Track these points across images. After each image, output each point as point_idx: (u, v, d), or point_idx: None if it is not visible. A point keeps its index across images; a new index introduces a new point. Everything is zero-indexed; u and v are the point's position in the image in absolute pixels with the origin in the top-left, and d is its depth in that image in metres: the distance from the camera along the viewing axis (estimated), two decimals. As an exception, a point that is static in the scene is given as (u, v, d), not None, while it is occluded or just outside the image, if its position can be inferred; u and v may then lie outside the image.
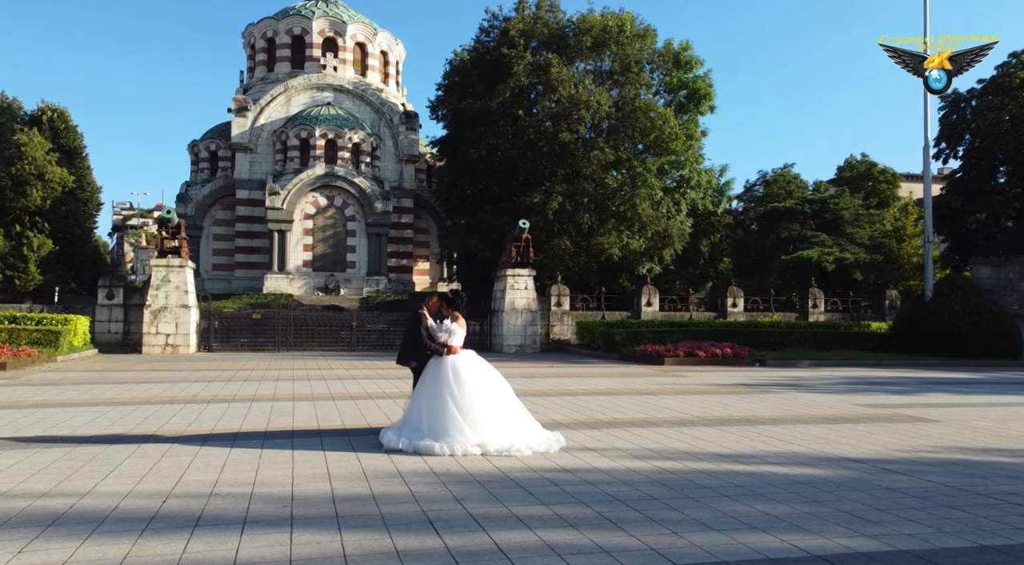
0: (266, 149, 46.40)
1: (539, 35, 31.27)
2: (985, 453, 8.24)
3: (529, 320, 26.94)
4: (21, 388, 13.60)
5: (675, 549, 4.64)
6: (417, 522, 5.14)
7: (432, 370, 8.12)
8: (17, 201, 46.82)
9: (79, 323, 22.66)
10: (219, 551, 4.45)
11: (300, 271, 43.80)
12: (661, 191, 31.85)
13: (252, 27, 50.70)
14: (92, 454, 7.39)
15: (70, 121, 58.33)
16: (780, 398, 13.30)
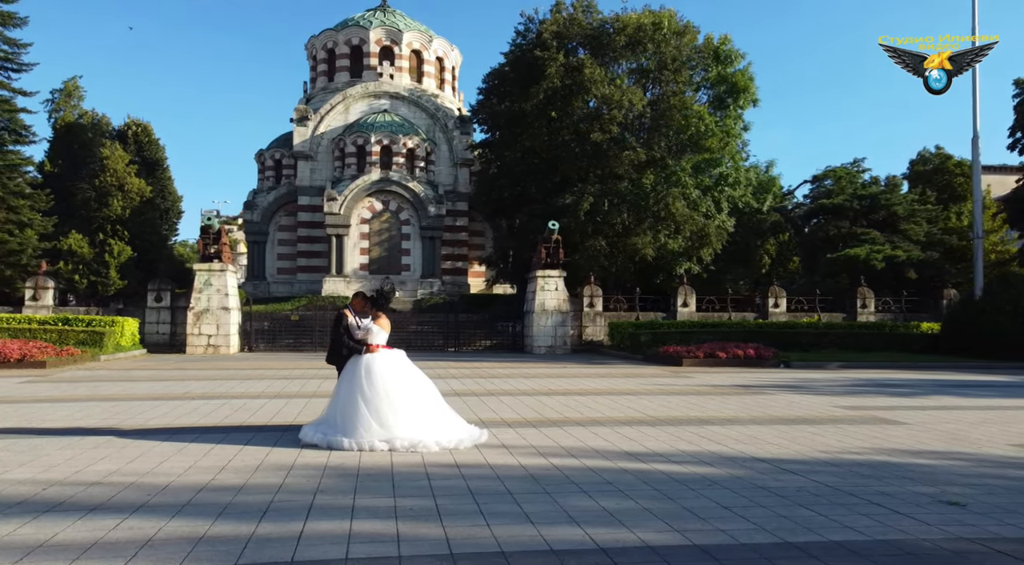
0: (326, 156, 48.07)
1: (573, 36, 31.31)
2: (912, 455, 7.99)
3: (559, 321, 27.04)
4: (42, 384, 14.73)
5: (467, 539, 4.81)
6: (246, 511, 5.45)
7: (348, 368, 8.44)
8: (100, 211, 50.02)
9: (126, 325, 24.20)
10: (45, 532, 4.91)
11: (357, 274, 45.12)
12: (698, 190, 31.29)
13: (314, 39, 52.59)
14: (23, 444, 8.07)
15: (152, 134, 61.90)
16: (763, 400, 13.05)
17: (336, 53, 50.93)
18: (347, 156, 46.54)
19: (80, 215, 49.72)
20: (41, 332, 21.71)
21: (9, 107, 45.00)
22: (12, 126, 45.56)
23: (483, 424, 9.59)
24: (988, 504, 5.91)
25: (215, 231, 25.79)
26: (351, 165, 46.26)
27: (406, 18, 52.94)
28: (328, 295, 42.50)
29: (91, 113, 61.02)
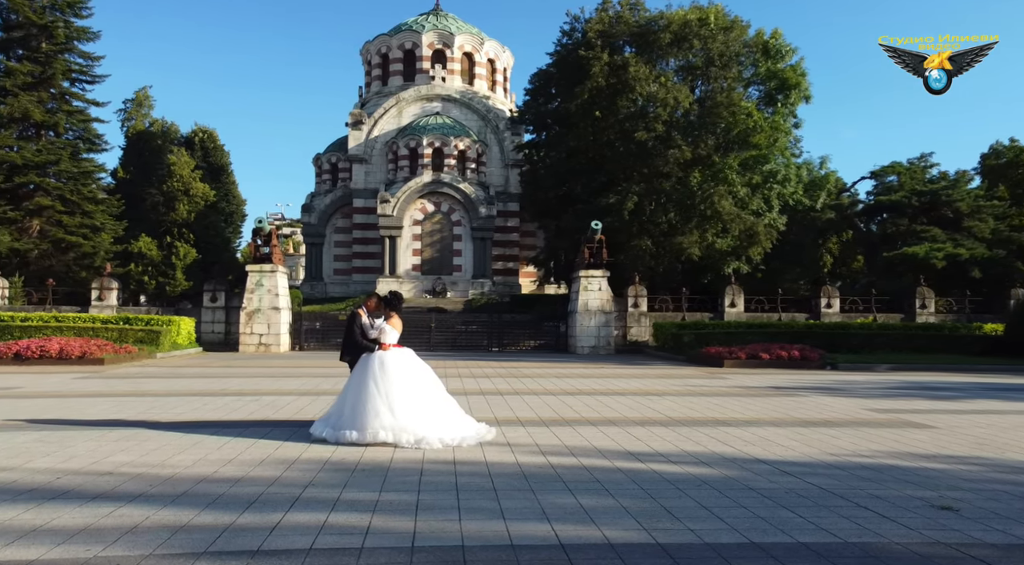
0: (380, 159, 48.95)
1: (619, 34, 31.12)
2: (926, 459, 7.77)
3: (603, 321, 26.92)
4: (94, 380, 15.51)
5: (434, 533, 4.92)
6: (233, 503, 5.69)
7: (361, 364, 8.68)
8: (167, 215, 52.08)
9: (183, 324, 25.22)
10: (43, 518, 5.25)
11: (409, 275, 45.84)
12: (748, 187, 30.66)
13: (368, 44, 53.63)
14: (55, 436, 8.56)
15: (218, 140, 64.14)
16: (792, 402, 12.80)
17: (390, 58, 51.83)
18: (400, 159, 47.30)
19: (149, 219, 51.87)
20: (103, 330, 22.81)
21: (83, 117, 47.25)
22: (86, 135, 47.79)
23: (497, 423, 9.75)
24: (984, 509, 5.73)
25: (266, 233, 26.62)
26: (404, 168, 47.00)
27: (458, 21, 53.48)
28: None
29: (161, 121, 63.64)
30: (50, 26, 44.36)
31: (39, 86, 43.83)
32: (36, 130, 44.79)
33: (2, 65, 43.87)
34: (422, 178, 45.75)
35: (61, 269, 42.03)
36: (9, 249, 41.61)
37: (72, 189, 45.07)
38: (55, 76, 44.58)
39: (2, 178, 42.37)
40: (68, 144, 45.93)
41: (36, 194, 43.98)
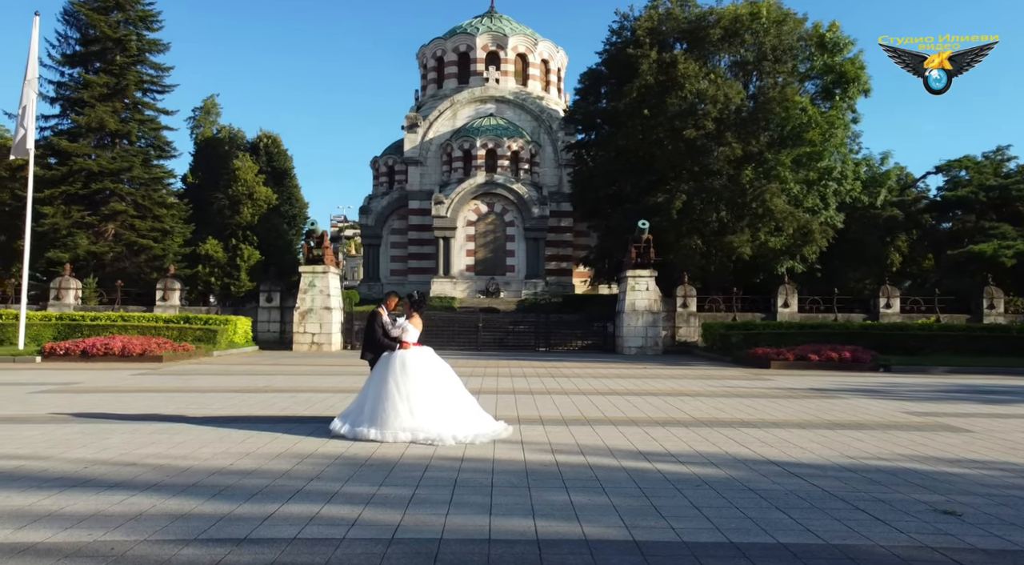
0: (435, 161, 49.59)
1: (669, 32, 30.79)
2: (948, 463, 7.53)
3: (650, 321, 26.67)
4: (149, 376, 16.25)
5: (416, 526, 5.06)
6: (237, 494, 5.96)
7: (382, 363, 8.90)
8: (232, 218, 53.91)
9: (239, 323, 26.14)
10: (60, 503, 5.61)
11: (463, 275, 46.30)
12: (802, 184, 29.86)
13: (424, 48, 54.37)
14: (96, 428, 9.05)
15: (281, 146, 65.98)
16: (828, 404, 12.51)
17: (444, 61, 52.44)
18: (454, 160, 47.82)
19: (215, 222, 53.80)
20: (164, 329, 23.84)
21: (154, 125, 49.34)
22: (157, 143, 49.89)
23: (519, 421, 9.87)
24: (990, 515, 5.55)
25: (318, 235, 27.37)
26: (458, 169, 47.50)
27: (512, 22, 53.73)
28: (436, 296, 43.82)
29: (228, 128, 65.87)
30: (123, 39, 46.48)
31: (113, 97, 45.95)
32: (111, 139, 46.98)
33: (81, 78, 46.19)
34: (475, 179, 46.15)
35: (133, 270, 43.97)
36: (87, 252, 43.76)
37: (144, 195, 47.13)
38: (128, 87, 46.66)
39: (80, 185, 44.59)
40: (140, 151, 48.05)
41: (111, 200, 46.13)
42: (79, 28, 46.56)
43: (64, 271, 31.37)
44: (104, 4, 46.34)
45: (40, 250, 43.24)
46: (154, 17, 48.77)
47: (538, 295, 44.17)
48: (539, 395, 13.11)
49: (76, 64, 46.94)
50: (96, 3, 46.14)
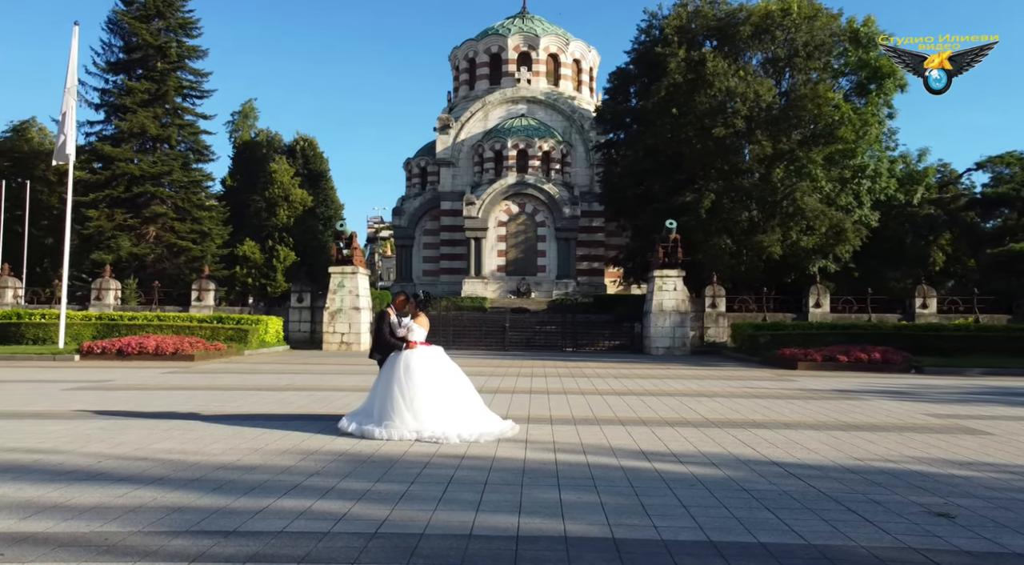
0: (466, 162, 49.86)
1: (698, 30, 30.54)
2: (958, 466, 7.40)
3: (678, 322, 26.48)
4: (178, 375, 16.67)
5: (402, 521, 5.15)
6: (236, 488, 6.11)
7: (389, 363, 9.04)
8: (269, 220, 54.91)
9: (271, 323, 26.64)
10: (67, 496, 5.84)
11: (494, 275, 46.48)
12: (836, 182, 29.34)
13: (456, 50, 54.71)
14: (117, 424, 9.34)
15: (317, 148, 66.99)
16: (849, 405, 12.33)
17: (476, 62, 52.69)
18: (485, 161, 48.03)
19: (253, 224, 54.86)
20: (198, 329, 24.41)
21: (193, 130, 50.50)
22: (196, 147, 51.06)
23: (528, 420, 9.94)
24: (986, 518, 5.46)
25: (347, 236, 27.76)
26: (489, 170, 47.70)
27: (544, 22, 53.76)
28: (467, 296, 44.08)
29: (265, 131, 67.11)
30: (164, 46, 47.66)
31: (154, 102, 47.18)
32: (152, 143, 48.23)
33: (123, 85, 47.51)
34: (506, 180, 46.30)
35: (173, 271, 45.07)
36: (129, 253, 44.98)
37: (183, 197, 48.29)
38: (168, 93, 47.85)
39: (123, 189, 45.86)
40: (180, 155, 49.25)
41: (152, 203, 47.35)
42: (122, 36, 47.89)
43: (104, 273, 32.27)
44: (146, 12, 47.60)
45: (85, 252, 44.62)
46: (193, 24, 49.92)
47: (569, 295, 44.12)
48: (555, 395, 13.15)
49: (119, 71, 48.30)
50: (138, 12, 47.41)
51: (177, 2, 48.75)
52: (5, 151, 52.25)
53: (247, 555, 4.45)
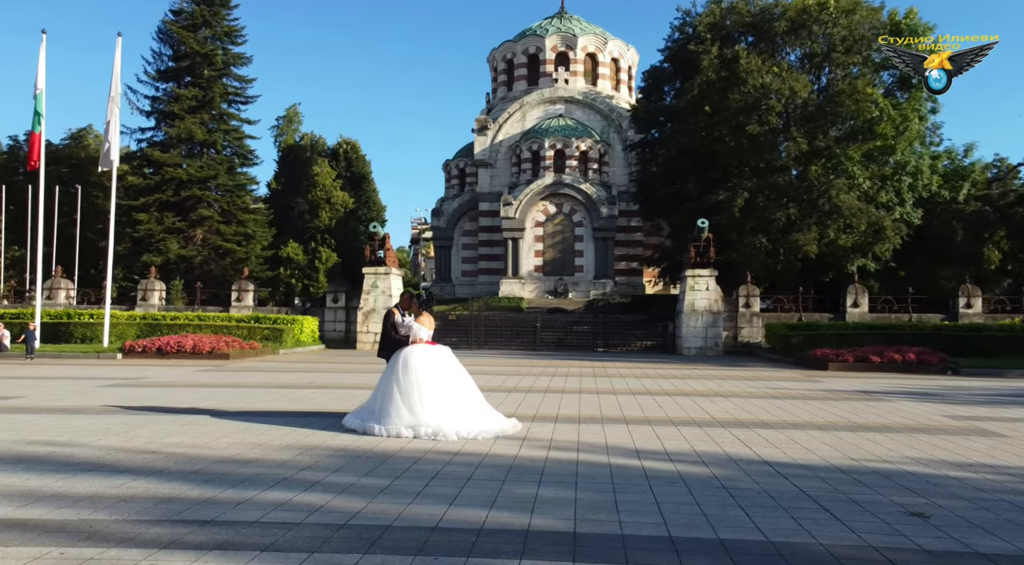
0: (504, 163, 50.06)
1: (732, 26, 30.16)
2: (956, 467, 7.27)
3: (710, 322, 26.20)
4: (211, 372, 17.19)
5: (374, 513, 5.32)
6: (227, 480, 6.36)
7: (391, 361, 9.25)
8: (311, 222, 56.04)
9: (306, 323, 27.23)
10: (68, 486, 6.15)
11: (531, 276, 46.57)
12: (876, 179, 28.62)
13: (494, 51, 54.98)
14: (137, 420, 9.73)
15: (360, 151, 68.03)
16: (868, 406, 12.12)
17: (514, 63, 52.85)
18: (523, 162, 48.16)
19: (296, 226, 56.02)
20: (235, 329, 25.09)
21: (238, 135, 51.78)
22: (240, 151, 52.34)
23: (533, 419, 10.04)
24: (962, 519, 5.39)
25: (380, 237, 28.19)
26: (526, 170, 47.82)
27: (582, 22, 53.66)
28: (504, 296, 44.27)
29: (309, 135, 68.43)
30: (210, 54, 48.99)
31: (201, 109, 48.53)
32: (199, 148, 49.63)
33: (172, 92, 49.01)
34: (543, 180, 46.35)
35: (219, 273, 46.29)
36: (177, 255, 46.37)
37: (229, 201, 49.56)
38: (214, 99, 49.16)
39: (171, 193, 47.28)
40: (225, 160, 50.56)
41: (199, 206, 48.70)
42: (171, 45, 49.38)
43: (150, 274, 33.34)
44: (193, 22, 48.99)
45: (137, 254, 46.16)
46: (238, 31, 51.19)
47: (607, 295, 43.95)
48: (569, 394, 13.21)
49: (168, 79, 49.81)
50: (186, 21, 48.83)
51: (223, 11, 50.03)
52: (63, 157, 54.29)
53: (216, 543, 4.66)
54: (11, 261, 48.46)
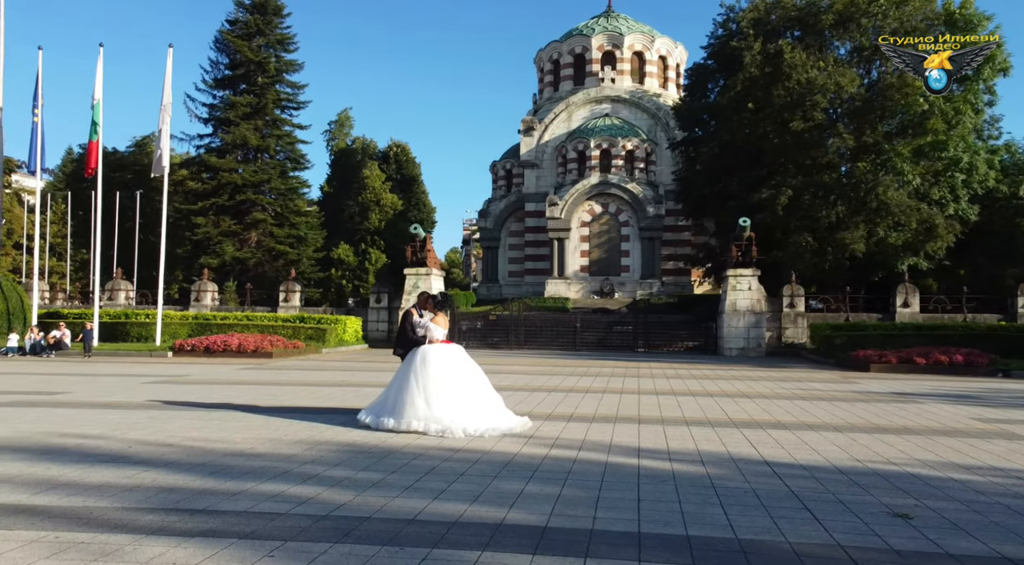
0: (550, 164, 50.14)
1: (777, 21, 29.59)
2: (965, 470, 7.10)
3: (752, 322, 25.77)
4: (252, 370, 17.76)
5: (359, 505, 5.51)
6: (231, 472, 6.65)
7: (407, 358, 9.46)
8: (361, 224, 57.08)
9: (349, 322, 27.82)
10: (84, 475, 6.53)
11: (577, 276, 46.53)
12: (928, 175, 27.68)
13: (541, 52, 55.10)
14: (167, 415, 10.18)
15: (410, 154, 69.01)
16: (895, 408, 11.85)
17: (560, 63, 52.89)
18: (568, 162, 48.16)
19: (347, 228, 57.14)
20: (281, 328, 25.82)
21: (290, 140, 53.11)
22: (292, 156, 53.67)
23: (548, 418, 10.14)
24: (947, 521, 5.30)
25: (421, 239, 28.62)
26: (572, 171, 47.79)
27: (629, 21, 53.36)
28: (550, 296, 44.36)
29: (361, 139, 69.74)
30: (264, 62, 50.40)
31: (255, 115, 49.97)
32: (253, 153, 51.11)
33: (228, 99, 50.59)
34: (589, 180, 46.27)
35: (272, 274, 47.57)
36: (232, 258, 47.85)
37: (281, 204, 50.89)
38: (267, 105, 50.55)
39: (227, 197, 48.81)
40: (278, 164, 51.93)
41: (253, 210, 50.14)
42: (227, 54, 50.98)
43: (203, 276, 34.49)
44: (247, 31, 50.49)
45: (195, 256, 47.82)
46: (290, 39, 52.51)
47: (653, 295, 43.63)
48: (592, 394, 13.25)
49: (225, 87, 51.42)
50: (241, 31, 50.36)
51: (275, 19, 51.40)
52: (128, 164, 56.53)
53: (200, 530, 4.91)
54: (79, 264, 50.77)
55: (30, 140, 25.10)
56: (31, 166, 26.21)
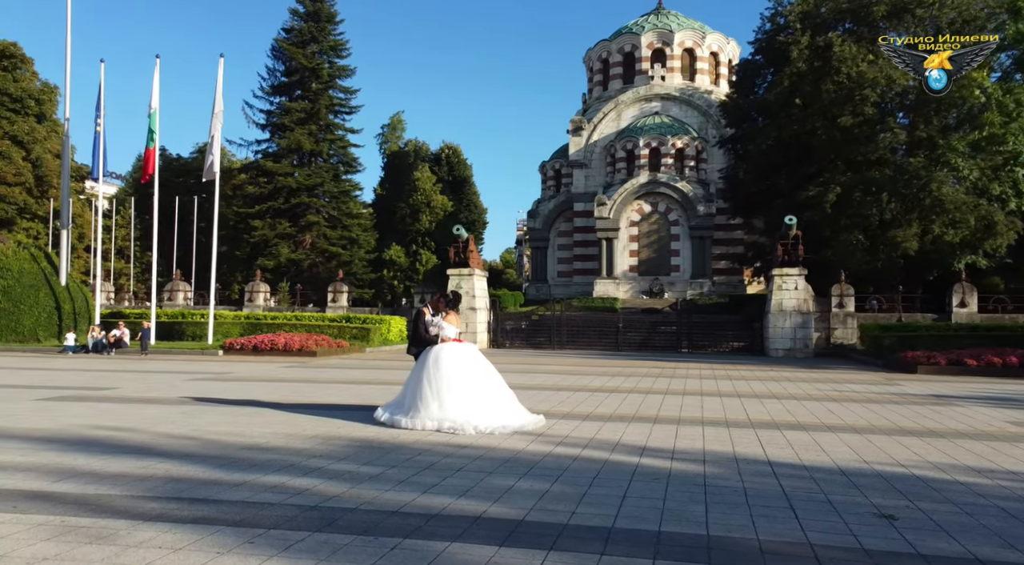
0: (599, 163, 49.98)
1: (827, 14, 28.84)
2: (977, 473, 6.92)
3: (799, 322, 25.22)
4: (293, 369, 18.28)
5: (350, 497, 5.71)
6: (238, 465, 6.95)
7: (421, 357, 9.67)
8: (413, 225, 57.91)
9: (393, 322, 28.32)
10: (103, 465, 6.91)
11: (626, 276, 46.24)
12: (988, 170, 26.58)
13: (590, 51, 54.94)
14: (198, 410, 10.62)
15: (462, 156, 69.65)
16: (929, 411, 11.51)
17: (610, 62, 52.65)
18: (617, 161, 47.90)
19: (398, 230, 58.04)
20: (327, 328, 26.46)
21: (343, 144, 54.26)
22: (345, 159, 54.80)
23: (565, 416, 10.21)
24: (934, 522, 5.20)
25: (464, 240, 28.92)
26: (621, 170, 47.53)
27: (679, 17, 52.77)
28: (599, 296, 44.21)
29: (413, 141, 70.68)
30: (317, 68, 51.64)
31: (309, 120, 51.24)
32: (308, 157, 52.38)
33: (284, 105, 52.00)
34: (638, 179, 45.95)
35: (325, 275, 48.69)
36: (287, 259, 49.16)
37: (334, 207, 52.04)
38: (320, 110, 51.78)
39: (282, 200, 50.18)
40: (331, 168, 53.12)
41: (307, 212, 51.40)
42: (283, 61, 52.41)
43: (256, 277, 35.54)
44: (302, 38, 51.80)
45: (253, 258, 49.29)
46: (343, 46, 53.66)
47: (704, 295, 43.07)
48: (617, 393, 13.25)
49: (281, 93, 52.89)
50: (296, 38, 51.70)
51: (328, 26, 52.57)
52: (192, 170, 58.59)
53: (194, 517, 5.18)
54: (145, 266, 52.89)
55: (93, 148, 26.36)
56: (94, 173, 27.50)
